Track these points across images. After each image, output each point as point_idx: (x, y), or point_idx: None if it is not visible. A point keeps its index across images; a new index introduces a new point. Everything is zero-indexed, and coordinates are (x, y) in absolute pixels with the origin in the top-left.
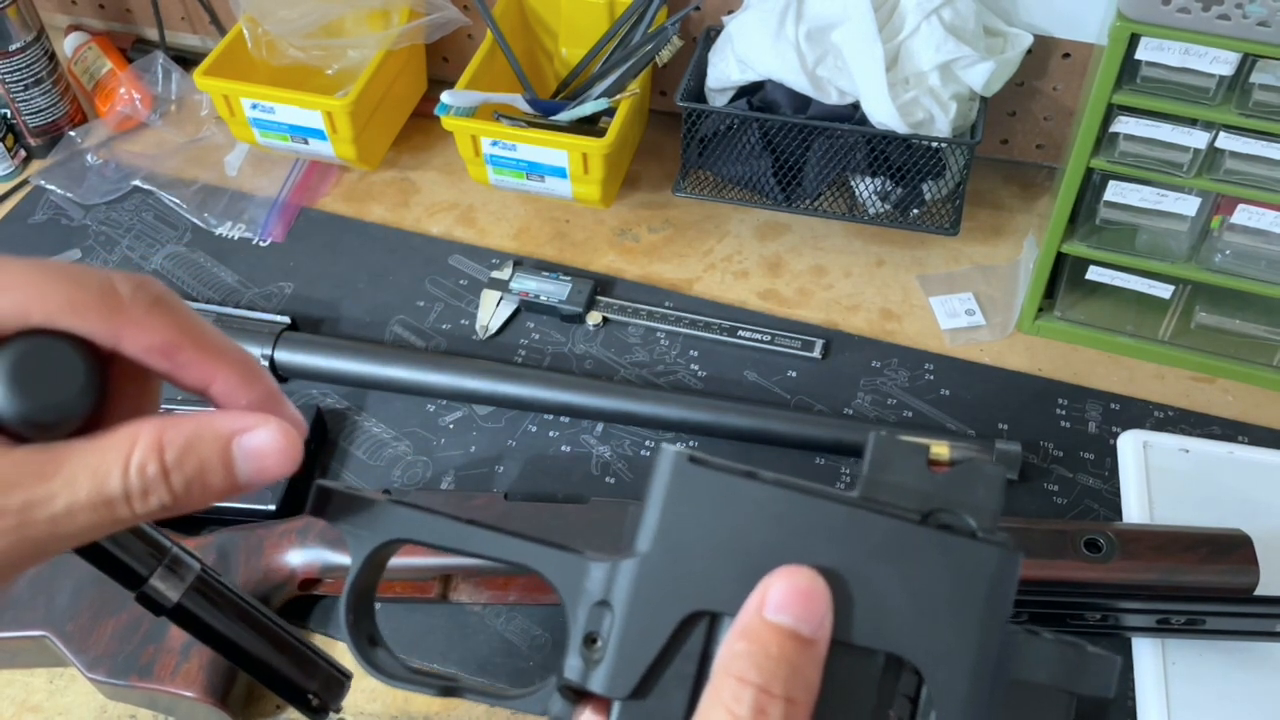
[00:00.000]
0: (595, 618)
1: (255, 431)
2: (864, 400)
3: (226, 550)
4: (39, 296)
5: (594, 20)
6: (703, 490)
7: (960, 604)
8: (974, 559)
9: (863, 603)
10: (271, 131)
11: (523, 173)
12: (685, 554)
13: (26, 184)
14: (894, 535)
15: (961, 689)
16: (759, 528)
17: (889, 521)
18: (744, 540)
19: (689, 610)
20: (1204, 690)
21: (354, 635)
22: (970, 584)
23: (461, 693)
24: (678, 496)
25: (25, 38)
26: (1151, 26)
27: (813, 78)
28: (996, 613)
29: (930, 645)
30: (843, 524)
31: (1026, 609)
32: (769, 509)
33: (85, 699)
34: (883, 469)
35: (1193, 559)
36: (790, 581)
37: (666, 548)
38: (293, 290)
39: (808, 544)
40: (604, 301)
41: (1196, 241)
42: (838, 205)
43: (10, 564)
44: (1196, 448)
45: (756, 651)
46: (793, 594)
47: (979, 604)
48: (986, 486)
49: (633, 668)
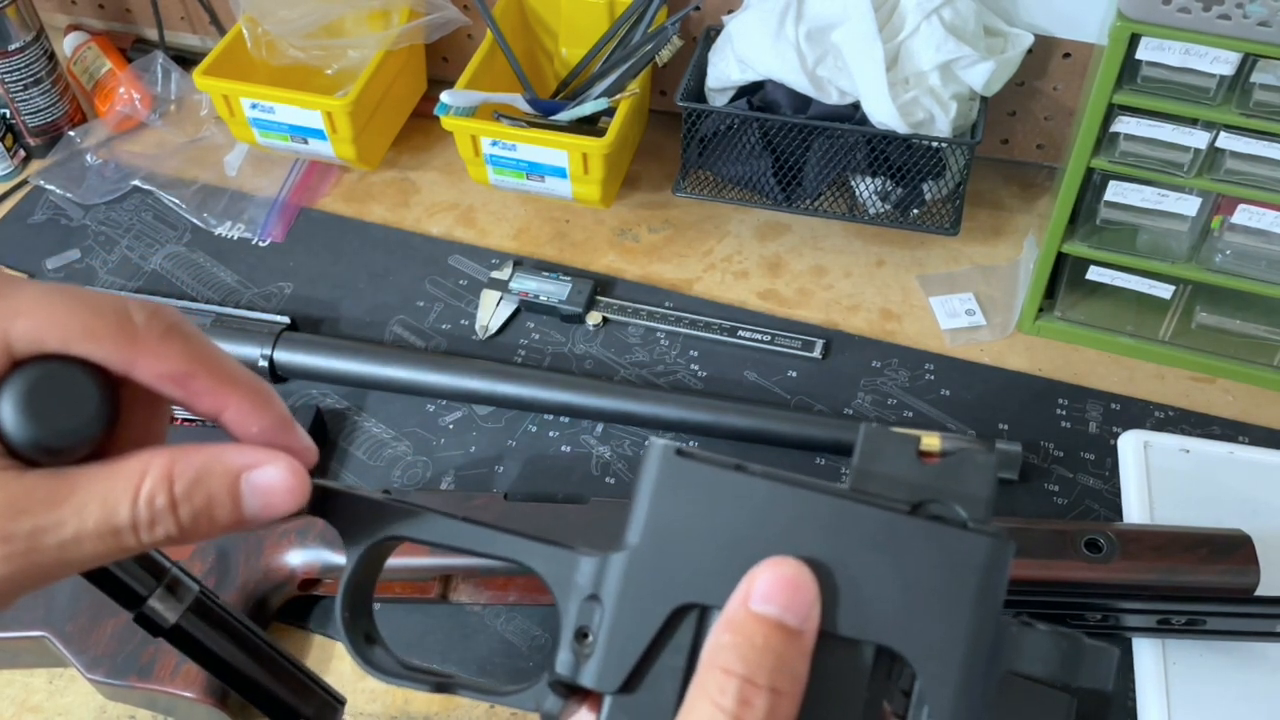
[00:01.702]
0: (586, 612)
1: (264, 468)
2: (864, 400)
3: (226, 550)
4: (54, 322)
5: (594, 20)
6: (691, 483)
7: (951, 595)
8: (965, 549)
9: (852, 594)
10: (271, 131)
11: (523, 173)
12: (674, 547)
13: (26, 184)
14: (883, 526)
15: (953, 680)
16: (747, 520)
17: (878, 512)
18: (732, 532)
19: (678, 603)
20: (1204, 690)
21: (350, 632)
22: (961, 574)
23: (455, 689)
24: (666, 490)
25: (25, 37)
26: (1152, 26)
27: (813, 78)
28: (988, 603)
29: (920, 636)
30: (832, 515)
31: (1027, 609)
32: (757, 501)
33: (85, 699)
34: (873, 460)
35: (1193, 559)
36: (776, 572)
37: (655, 541)
38: (292, 290)
39: (796, 536)
40: (604, 301)
41: (1197, 241)
42: (838, 205)
43: (15, 588)
44: (1197, 448)
45: (742, 643)
46: (779, 584)
47: (970, 594)
48: (978, 476)
49: (622, 661)
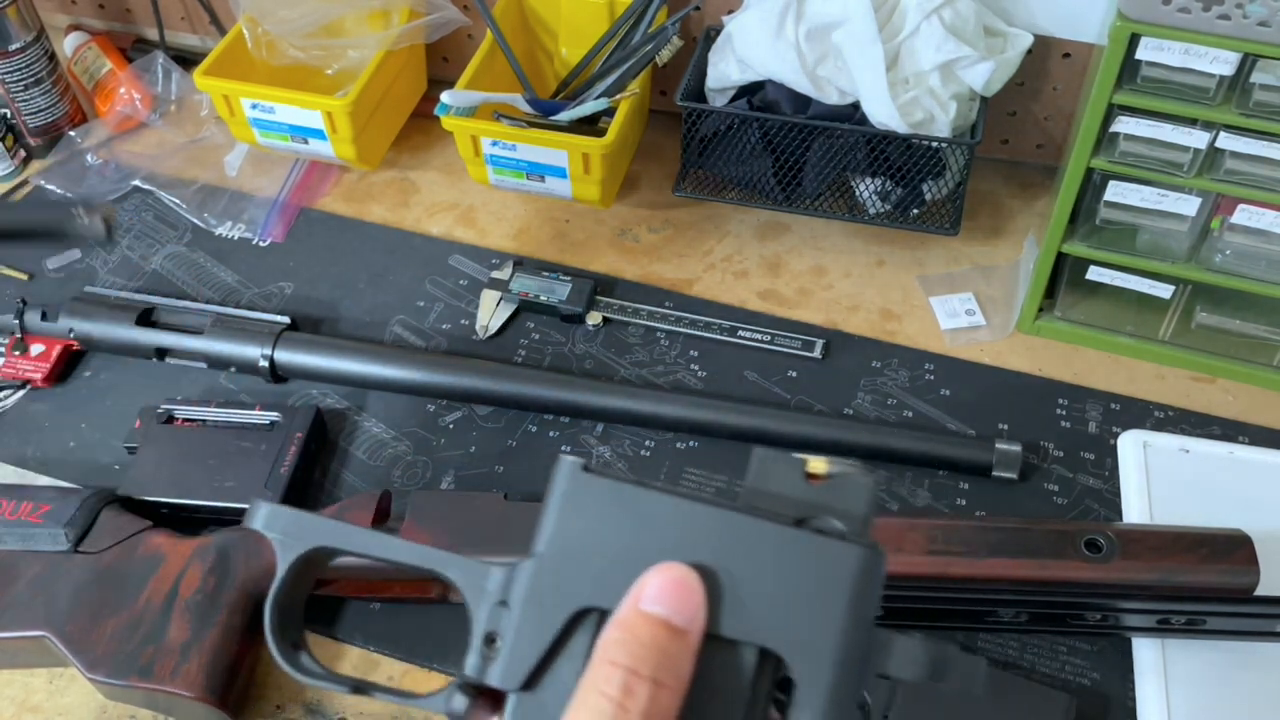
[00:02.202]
0: (495, 618)
1: None
2: (864, 400)
3: (226, 550)
4: None
5: (594, 20)
6: (595, 497)
7: (827, 600)
8: (841, 558)
9: (737, 599)
10: (271, 131)
11: (523, 173)
12: (577, 555)
13: (26, 184)
14: (768, 537)
15: (826, 679)
16: (644, 530)
17: (764, 524)
18: (630, 541)
19: (578, 606)
20: (1204, 690)
21: (276, 639)
22: (836, 582)
23: (371, 691)
24: (572, 502)
25: (25, 38)
26: (1151, 26)
27: (813, 78)
28: (862, 608)
29: (797, 638)
30: (722, 527)
31: (1027, 609)
32: (654, 513)
33: (85, 699)
34: (764, 480)
35: (1193, 559)
36: (666, 575)
37: (560, 549)
38: (293, 290)
39: (688, 545)
40: (604, 301)
41: (1196, 241)
42: (838, 205)
43: None
44: (1196, 448)
45: (629, 638)
46: (668, 587)
47: (844, 600)
48: (857, 495)
49: (525, 661)
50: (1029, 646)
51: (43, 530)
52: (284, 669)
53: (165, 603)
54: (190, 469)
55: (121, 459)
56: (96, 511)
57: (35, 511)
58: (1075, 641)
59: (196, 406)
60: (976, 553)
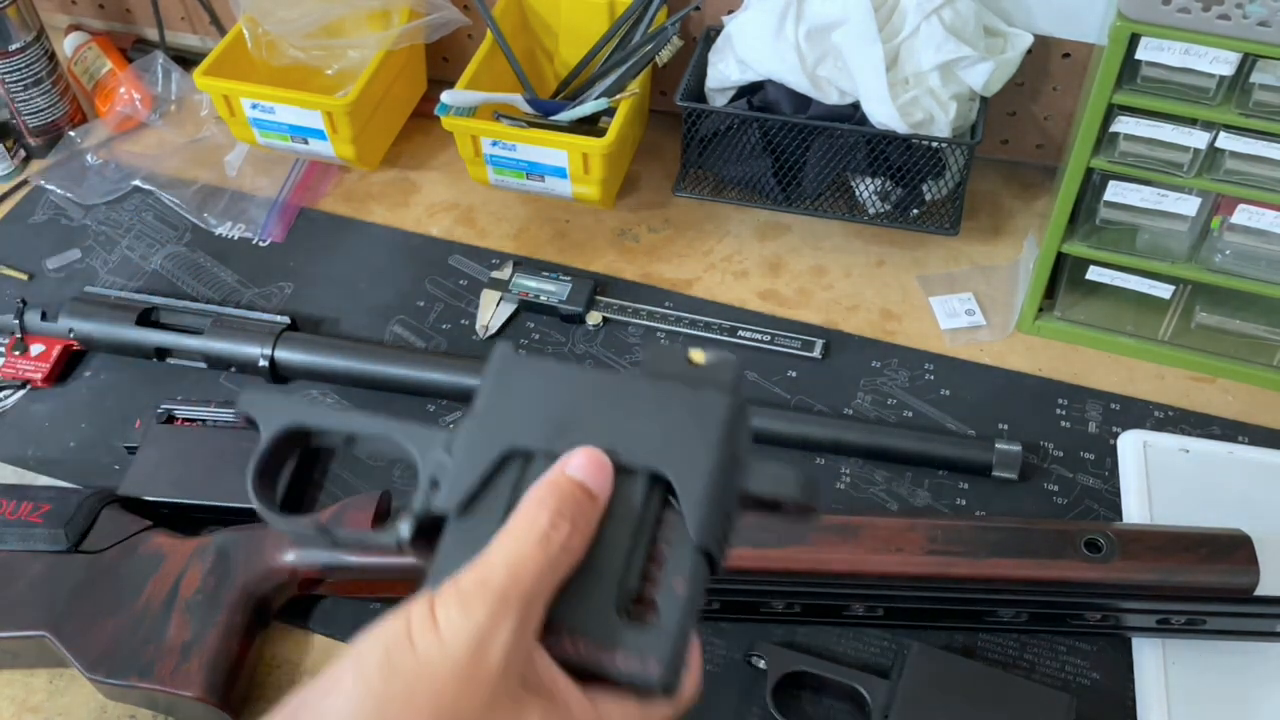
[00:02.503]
0: (440, 468)
1: None
2: (864, 400)
3: (226, 550)
4: None
5: (594, 20)
6: (523, 369)
7: (703, 432)
8: (712, 403)
9: (633, 435)
10: (271, 131)
11: (523, 173)
12: (507, 411)
13: (26, 184)
14: (660, 391)
15: (700, 489)
16: (563, 391)
17: (655, 382)
18: (551, 399)
19: (507, 446)
20: (1204, 690)
21: (259, 496)
22: (709, 419)
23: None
24: (504, 374)
25: (25, 38)
26: (1151, 26)
27: (813, 78)
28: (731, 440)
29: (679, 460)
30: (625, 386)
31: (1027, 609)
32: (570, 378)
33: (85, 699)
34: (655, 365)
35: (1193, 559)
36: (588, 455)
37: (493, 407)
38: (293, 290)
39: (597, 400)
40: (604, 301)
41: (1196, 241)
42: (838, 205)
43: None
44: (1196, 448)
45: (557, 491)
46: (589, 462)
47: (715, 431)
48: (728, 372)
49: (462, 490)
50: (1029, 646)
51: (43, 530)
52: (269, 520)
53: (165, 603)
54: (190, 469)
55: (121, 459)
56: (96, 511)
57: (35, 511)
58: (1075, 641)
59: (196, 406)
60: (976, 553)
